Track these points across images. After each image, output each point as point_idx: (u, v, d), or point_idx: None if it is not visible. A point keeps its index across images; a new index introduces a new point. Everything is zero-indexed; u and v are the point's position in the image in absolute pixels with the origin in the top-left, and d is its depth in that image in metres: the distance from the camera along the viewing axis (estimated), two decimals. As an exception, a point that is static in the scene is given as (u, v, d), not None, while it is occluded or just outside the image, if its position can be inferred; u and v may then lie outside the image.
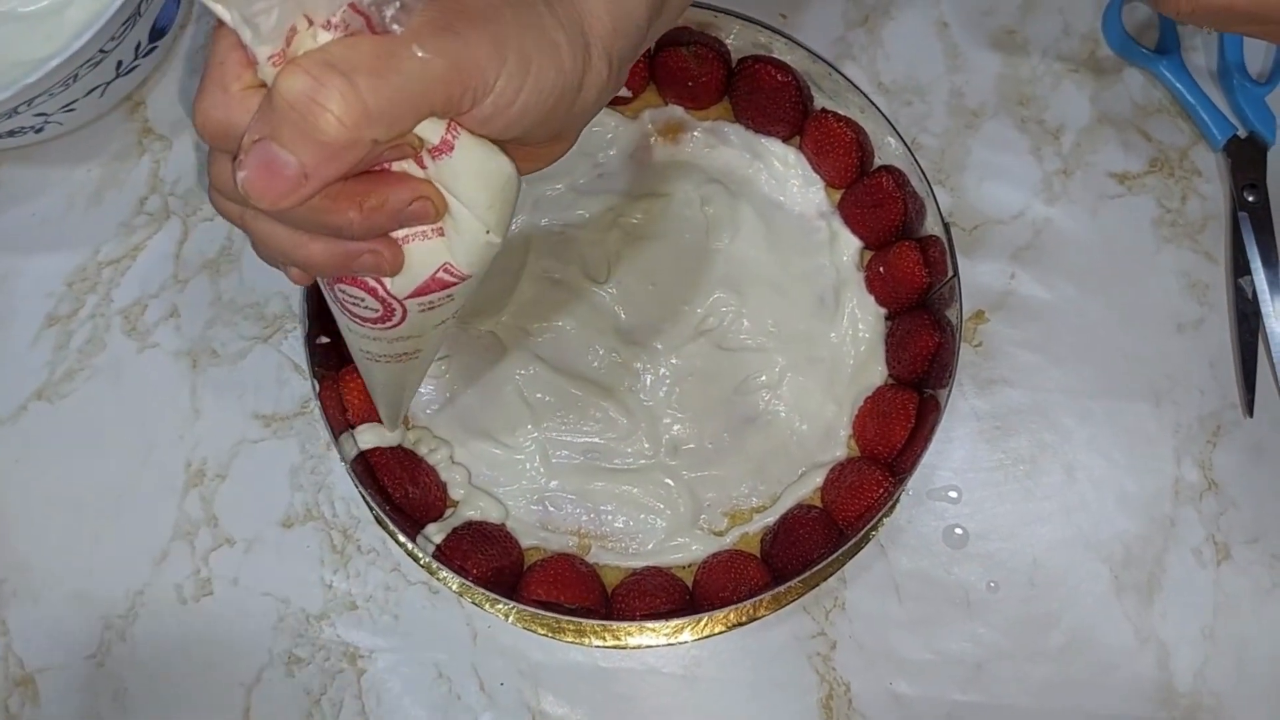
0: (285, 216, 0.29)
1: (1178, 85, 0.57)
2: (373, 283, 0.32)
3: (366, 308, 0.33)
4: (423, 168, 0.30)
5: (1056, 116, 0.57)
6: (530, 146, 0.32)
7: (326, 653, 0.52)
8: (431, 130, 0.29)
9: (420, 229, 0.31)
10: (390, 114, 0.27)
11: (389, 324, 0.34)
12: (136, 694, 0.51)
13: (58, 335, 0.55)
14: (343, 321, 0.36)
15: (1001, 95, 0.58)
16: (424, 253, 0.31)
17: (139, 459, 0.53)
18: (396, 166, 0.30)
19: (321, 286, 0.35)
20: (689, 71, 0.53)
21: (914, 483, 0.51)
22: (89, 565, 0.52)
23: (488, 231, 0.31)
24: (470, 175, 0.30)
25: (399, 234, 0.31)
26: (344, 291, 0.33)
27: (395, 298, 0.33)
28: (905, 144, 0.50)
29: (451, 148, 0.29)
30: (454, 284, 0.32)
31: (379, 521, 0.51)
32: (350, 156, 0.27)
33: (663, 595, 0.49)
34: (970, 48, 0.58)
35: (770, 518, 0.51)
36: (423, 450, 0.51)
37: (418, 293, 0.32)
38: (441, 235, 0.31)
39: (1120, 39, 0.57)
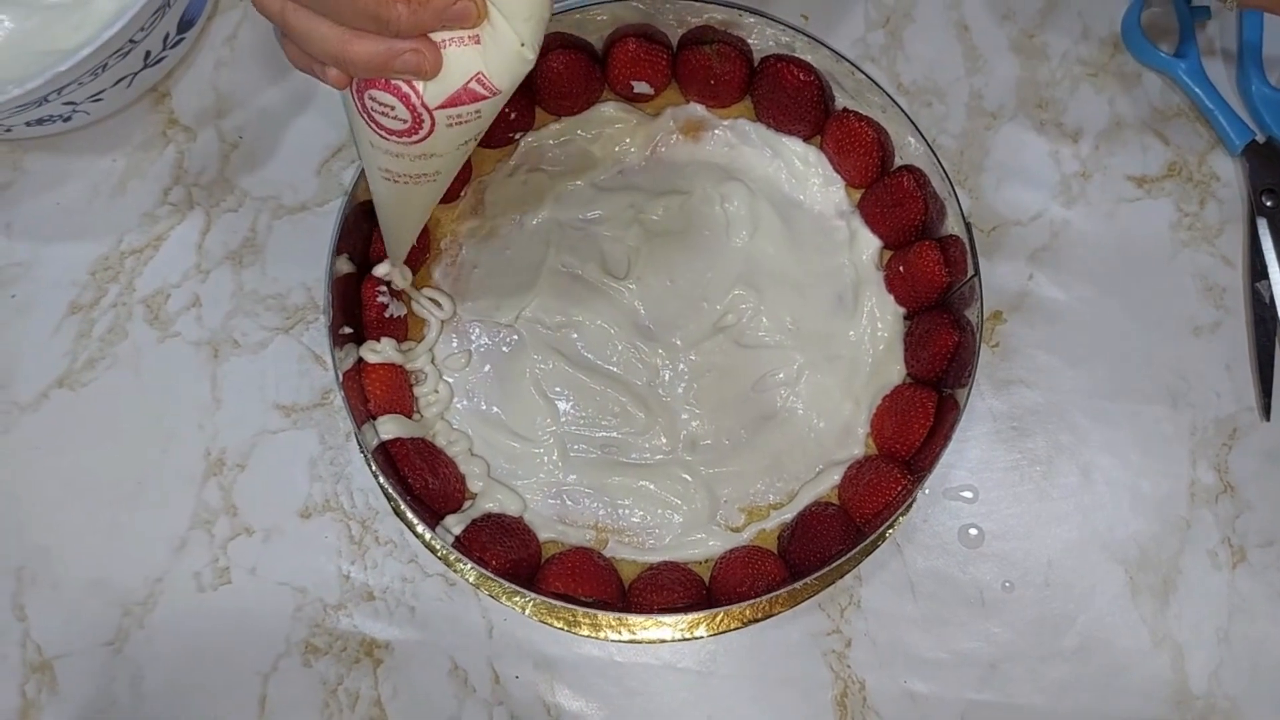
0: (332, 11, 0.30)
1: (1196, 89, 0.57)
2: (406, 89, 0.33)
3: (396, 117, 0.35)
4: None
5: (1075, 119, 0.58)
6: None
7: (343, 643, 0.52)
8: None
9: (458, 34, 0.32)
10: None
11: (415, 137, 0.35)
12: (154, 681, 0.51)
13: (80, 324, 0.55)
14: (366, 137, 0.37)
15: (1020, 98, 0.58)
16: (460, 59, 0.33)
17: (159, 448, 0.54)
18: None
19: (349, 99, 0.36)
20: (711, 70, 0.54)
21: (930, 482, 0.51)
22: (108, 553, 0.53)
23: (522, 44, 0.33)
24: None
25: (438, 37, 0.32)
26: (374, 98, 0.34)
27: (427, 107, 0.34)
28: (927, 143, 0.51)
29: None
30: (484, 98, 0.34)
31: (397, 513, 0.52)
32: None
33: (679, 590, 0.49)
34: (990, 50, 0.59)
35: (788, 514, 0.51)
36: (441, 442, 0.51)
37: (449, 103, 0.34)
38: (478, 44, 0.32)
39: (1139, 43, 0.58)
